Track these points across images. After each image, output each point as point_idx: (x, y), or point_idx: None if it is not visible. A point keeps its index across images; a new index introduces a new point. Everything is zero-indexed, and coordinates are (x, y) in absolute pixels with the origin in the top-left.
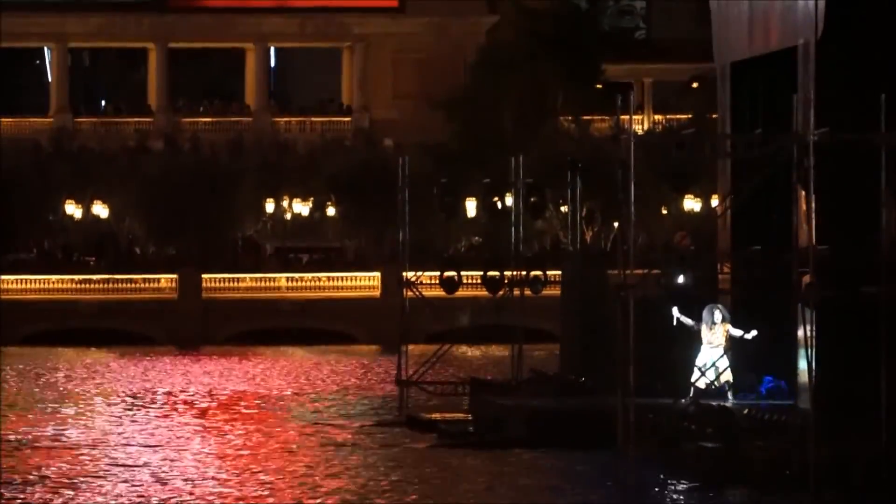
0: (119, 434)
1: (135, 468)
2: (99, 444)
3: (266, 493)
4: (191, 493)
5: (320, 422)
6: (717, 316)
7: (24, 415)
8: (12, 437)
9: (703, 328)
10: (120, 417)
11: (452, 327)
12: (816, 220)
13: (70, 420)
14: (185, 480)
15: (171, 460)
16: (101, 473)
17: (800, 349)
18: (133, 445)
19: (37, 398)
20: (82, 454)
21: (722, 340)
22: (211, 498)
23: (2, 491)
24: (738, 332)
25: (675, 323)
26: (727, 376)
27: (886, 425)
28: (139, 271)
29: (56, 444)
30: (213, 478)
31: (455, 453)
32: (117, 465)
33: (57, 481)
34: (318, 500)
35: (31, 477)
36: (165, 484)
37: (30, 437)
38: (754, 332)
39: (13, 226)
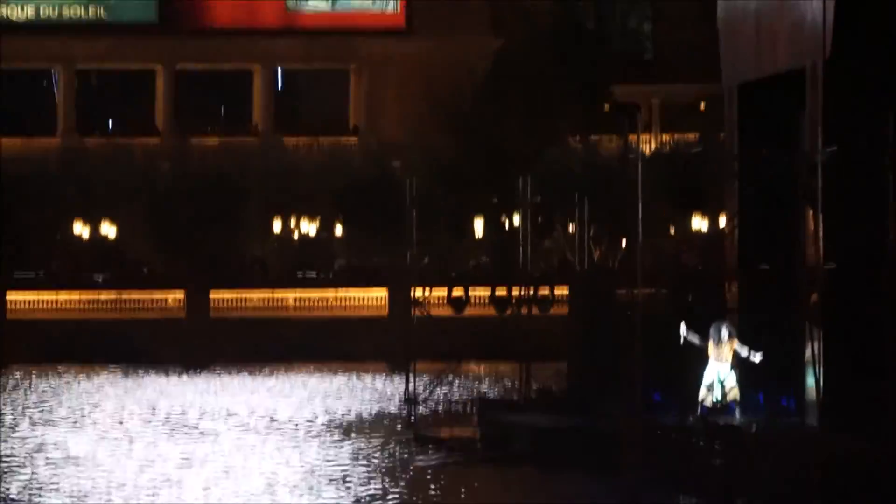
0: (128, 453)
1: (140, 486)
2: (106, 462)
3: None
4: None
5: (327, 439)
6: (724, 333)
7: (31, 431)
8: (21, 454)
9: (710, 345)
10: (128, 436)
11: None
12: (824, 238)
13: (76, 438)
14: (191, 500)
15: (177, 480)
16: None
17: (807, 367)
18: (138, 463)
19: (46, 416)
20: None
21: (729, 357)
22: None
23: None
24: (744, 352)
25: (682, 342)
26: (734, 394)
27: (895, 440)
28: (147, 290)
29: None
30: (217, 493)
31: (463, 471)
32: (129, 483)
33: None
34: None
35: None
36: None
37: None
38: (760, 357)
39: (21, 245)
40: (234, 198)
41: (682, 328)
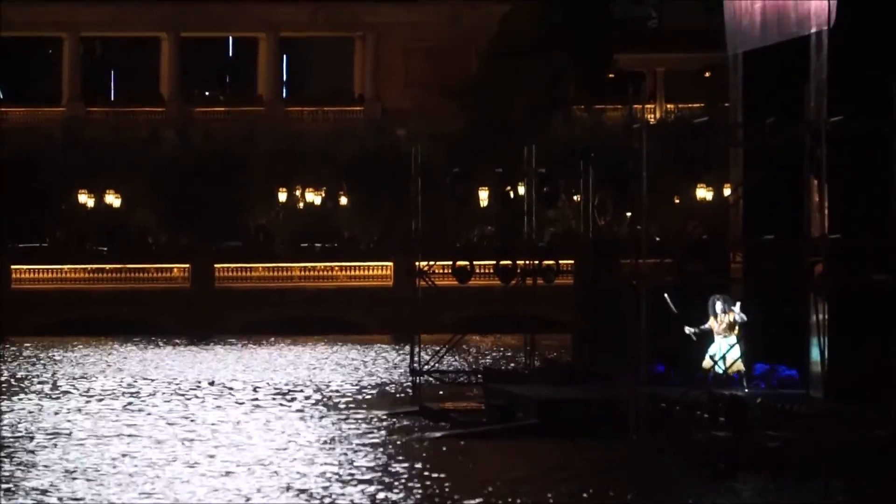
0: (130, 424)
1: (143, 457)
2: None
3: (275, 482)
4: (199, 483)
5: (332, 411)
6: (718, 306)
7: (39, 404)
8: (21, 427)
9: (711, 319)
10: (130, 407)
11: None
12: (829, 208)
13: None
14: (196, 470)
15: (186, 450)
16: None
17: (812, 338)
18: (144, 436)
19: (57, 387)
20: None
21: (729, 330)
22: (219, 484)
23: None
24: (742, 317)
25: (694, 339)
26: (738, 365)
27: None
28: (152, 261)
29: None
30: (222, 464)
31: (467, 442)
32: (129, 456)
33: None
34: (330, 490)
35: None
36: (176, 472)
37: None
38: (738, 305)
39: (25, 215)
40: (238, 168)
41: (688, 329)
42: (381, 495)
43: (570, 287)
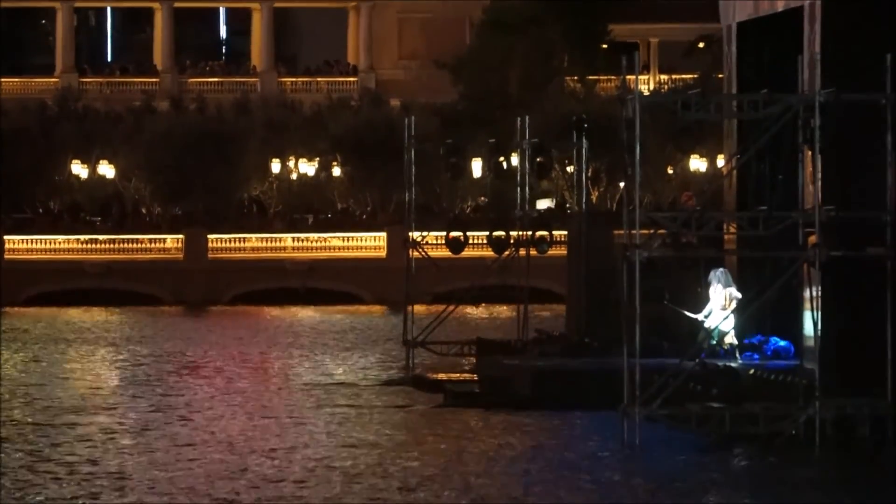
0: (132, 396)
1: (139, 432)
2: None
3: (270, 455)
4: (194, 457)
5: (326, 382)
6: (713, 279)
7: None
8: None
9: (711, 291)
10: (131, 377)
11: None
12: (822, 180)
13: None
14: (192, 444)
15: (179, 423)
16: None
17: (805, 309)
18: (139, 410)
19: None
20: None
21: (724, 303)
22: (215, 456)
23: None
24: (736, 294)
25: (703, 319)
26: (731, 338)
27: (892, 384)
28: (145, 231)
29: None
30: (221, 435)
31: (461, 413)
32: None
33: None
34: (322, 461)
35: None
36: (174, 444)
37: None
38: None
39: (19, 185)
40: (232, 139)
41: (698, 316)
42: (372, 465)
43: (564, 258)
